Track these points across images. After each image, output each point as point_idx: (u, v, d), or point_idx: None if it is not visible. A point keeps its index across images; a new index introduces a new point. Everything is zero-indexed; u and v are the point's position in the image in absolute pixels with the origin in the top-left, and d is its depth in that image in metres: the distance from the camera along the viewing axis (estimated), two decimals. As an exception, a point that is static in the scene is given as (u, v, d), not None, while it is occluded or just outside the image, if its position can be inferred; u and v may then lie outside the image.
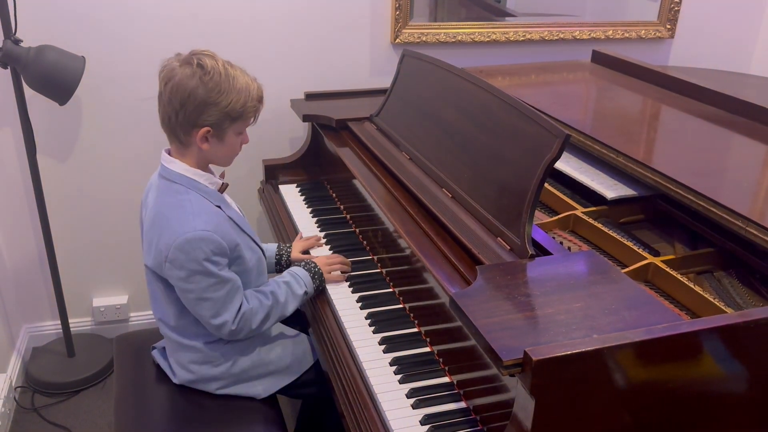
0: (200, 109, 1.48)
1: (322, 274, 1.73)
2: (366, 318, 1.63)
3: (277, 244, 1.93)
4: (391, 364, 1.47)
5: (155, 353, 1.77)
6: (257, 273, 1.67)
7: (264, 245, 1.91)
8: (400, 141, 1.99)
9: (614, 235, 1.60)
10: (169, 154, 1.58)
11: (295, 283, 1.68)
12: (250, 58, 2.41)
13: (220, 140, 1.54)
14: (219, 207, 1.57)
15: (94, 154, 2.43)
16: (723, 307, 1.34)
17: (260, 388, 1.69)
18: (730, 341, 1.14)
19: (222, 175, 1.65)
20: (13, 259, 2.50)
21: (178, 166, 1.55)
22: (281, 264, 1.90)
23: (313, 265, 1.74)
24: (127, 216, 2.49)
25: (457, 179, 1.68)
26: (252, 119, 1.57)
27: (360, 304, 1.68)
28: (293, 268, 1.74)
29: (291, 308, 1.67)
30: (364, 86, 2.54)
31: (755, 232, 1.36)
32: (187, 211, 1.50)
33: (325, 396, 1.69)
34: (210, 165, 1.62)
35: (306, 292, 1.69)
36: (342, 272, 1.78)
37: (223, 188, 1.63)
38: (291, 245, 1.93)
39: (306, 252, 1.92)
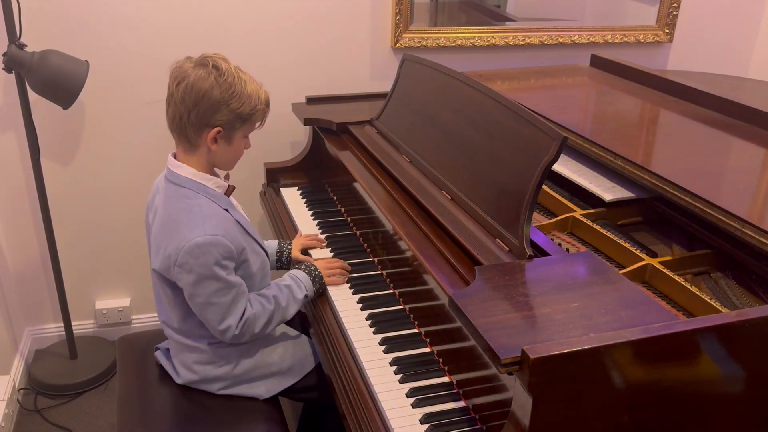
0: (214, 109, 1.50)
1: (322, 277, 1.75)
2: (366, 319, 1.64)
3: (277, 241, 1.94)
4: (392, 364, 1.49)
5: (158, 354, 1.78)
6: (261, 276, 1.69)
7: (264, 242, 1.93)
8: (400, 144, 2.01)
9: (612, 236, 1.61)
10: (175, 157, 1.60)
11: (296, 287, 1.70)
12: (253, 63, 2.43)
13: (229, 142, 1.57)
14: (227, 210, 1.59)
15: (98, 158, 2.45)
16: (720, 308, 1.35)
17: (262, 389, 1.70)
18: (726, 340, 1.15)
19: (227, 177, 1.67)
20: (16, 261, 2.52)
21: (186, 171, 1.56)
22: (282, 261, 1.92)
23: (313, 268, 1.76)
24: (129, 219, 2.51)
25: (456, 181, 1.70)
26: (260, 123, 1.60)
27: (360, 305, 1.70)
28: (294, 271, 1.76)
29: (292, 312, 1.70)
30: (364, 90, 2.56)
31: (752, 234, 1.38)
32: (197, 216, 1.52)
33: (328, 402, 1.69)
34: (214, 168, 1.64)
35: (306, 296, 1.72)
36: (342, 276, 1.79)
37: (229, 191, 1.64)
38: (291, 242, 1.95)
39: (305, 252, 1.94)
